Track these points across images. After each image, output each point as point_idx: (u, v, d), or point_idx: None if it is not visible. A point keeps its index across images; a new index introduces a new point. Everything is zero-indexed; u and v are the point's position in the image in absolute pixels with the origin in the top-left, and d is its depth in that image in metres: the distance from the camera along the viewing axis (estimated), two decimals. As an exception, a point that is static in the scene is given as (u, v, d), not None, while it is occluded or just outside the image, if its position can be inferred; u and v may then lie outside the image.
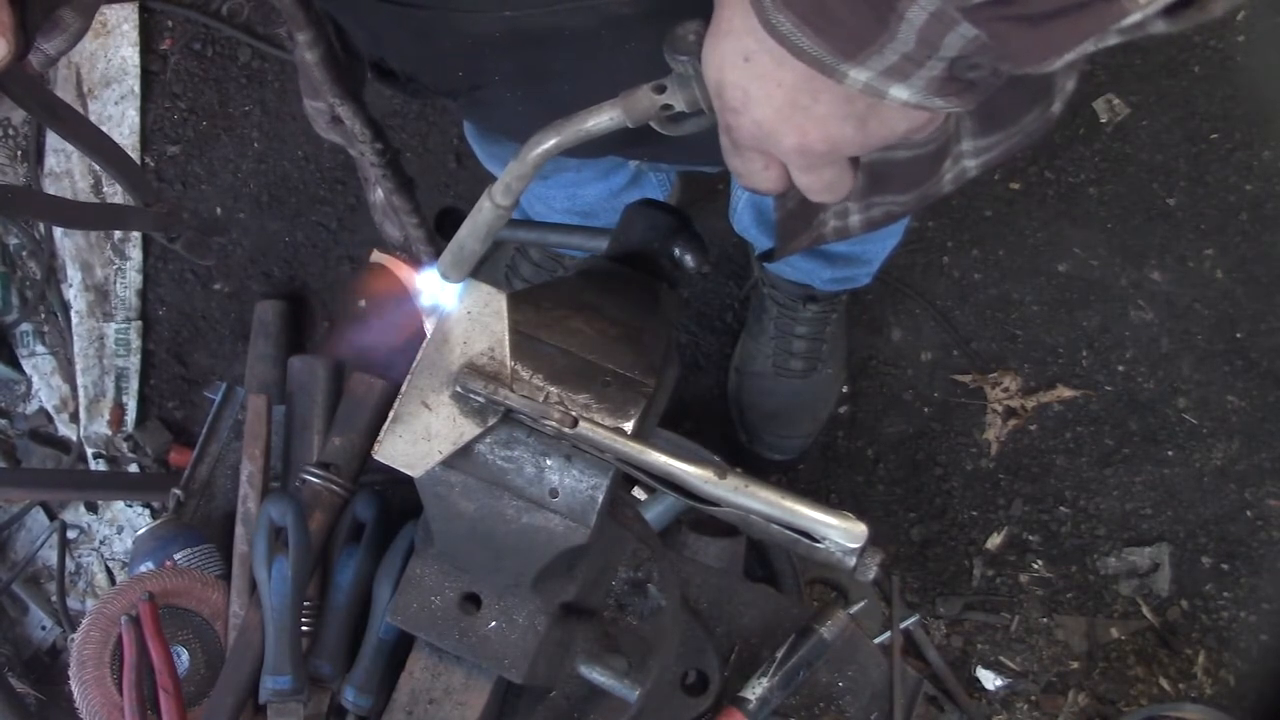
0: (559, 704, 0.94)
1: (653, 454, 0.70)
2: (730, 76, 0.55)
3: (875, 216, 0.87)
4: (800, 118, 0.54)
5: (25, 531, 2.03)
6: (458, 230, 0.71)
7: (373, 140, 0.92)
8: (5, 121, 2.19)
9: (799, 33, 0.49)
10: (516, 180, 0.65)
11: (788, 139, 0.56)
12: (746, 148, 0.60)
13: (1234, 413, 1.94)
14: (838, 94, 0.52)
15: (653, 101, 0.61)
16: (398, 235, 1.09)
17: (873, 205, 0.86)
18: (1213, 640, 1.86)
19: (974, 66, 0.50)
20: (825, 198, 0.61)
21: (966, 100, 0.52)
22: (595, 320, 0.78)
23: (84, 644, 1.07)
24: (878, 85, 0.50)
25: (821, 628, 1.06)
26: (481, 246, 0.70)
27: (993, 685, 1.84)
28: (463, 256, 0.71)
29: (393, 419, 0.74)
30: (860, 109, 0.53)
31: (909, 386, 1.99)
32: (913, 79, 0.50)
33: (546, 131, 0.64)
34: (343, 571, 1.08)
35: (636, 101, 0.61)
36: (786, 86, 0.53)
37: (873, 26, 0.47)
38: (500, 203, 0.67)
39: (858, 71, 0.50)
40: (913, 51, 0.48)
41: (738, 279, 2.02)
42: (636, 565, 0.97)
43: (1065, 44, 0.45)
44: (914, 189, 0.86)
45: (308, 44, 0.84)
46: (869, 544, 0.68)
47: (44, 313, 2.13)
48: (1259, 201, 2.00)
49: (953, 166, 0.87)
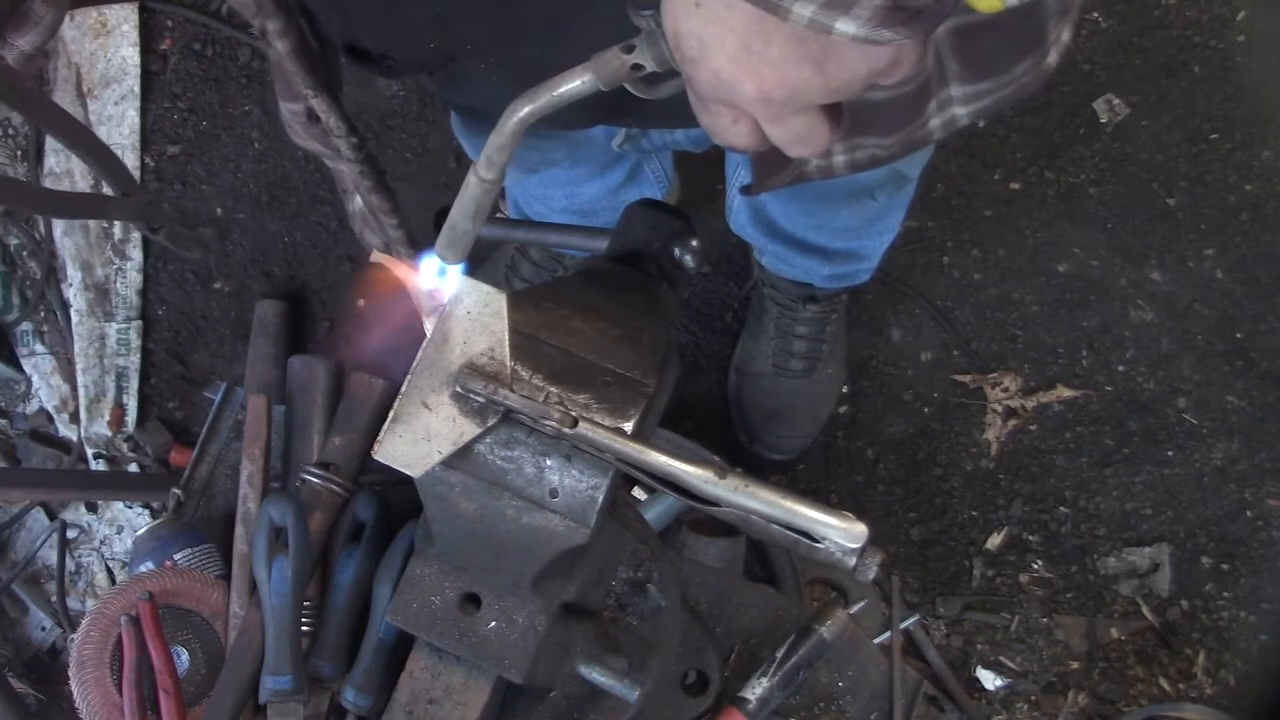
0: (559, 704, 0.94)
1: (653, 454, 0.70)
2: (684, 25, 0.54)
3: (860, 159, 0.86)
4: (756, 63, 0.54)
5: (25, 531, 2.03)
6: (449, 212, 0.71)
7: (348, 134, 0.92)
8: (5, 121, 2.19)
9: None
10: (497, 152, 0.65)
11: (746, 87, 0.55)
12: (710, 100, 0.59)
13: (1234, 413, 1.94)
14: (788, 34, 0.52)
15: (622, 62, 0.60)
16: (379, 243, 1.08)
17: (857, 147, 0.85)
18: (1213, 640, 1.86)
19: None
20: (801, 150, 0.60)
21: (914, 30, 0.51)
22: (595, 320, 0.78)
23: (84, 644, 1.07)
24: (822, 19, 0.49)
25: (821, 628, 1.06)
26: (473, 225, 0.70)
27: (993, 685, 1.84)
28: (456, 236, 0.71)
29: (393, 419, 0.74)
30: (814, 50, 0.53)
31: (909, 386, 1.99)
32: (856, 10, 0.49)
33: (520, 100, 0.63)
34: (343, 571, 1.08)
35: (606, 63, 0.60)
36: (738, 30, 0.53)
37: None
38: (485, 176, 0.66)
39: (801, 6, 0.49)
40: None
41: (738, 279, 2.02)
42: (636, 565, 0.97)
43: None
44: (897, 131, 0.85)
45: (278, 33, 0.83)
46: (869, 544, 0.68)
47: (44, 312, 2.13)
48: (1259, 201, 2.00)
49: (939, 111, 0.86)
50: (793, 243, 1.60)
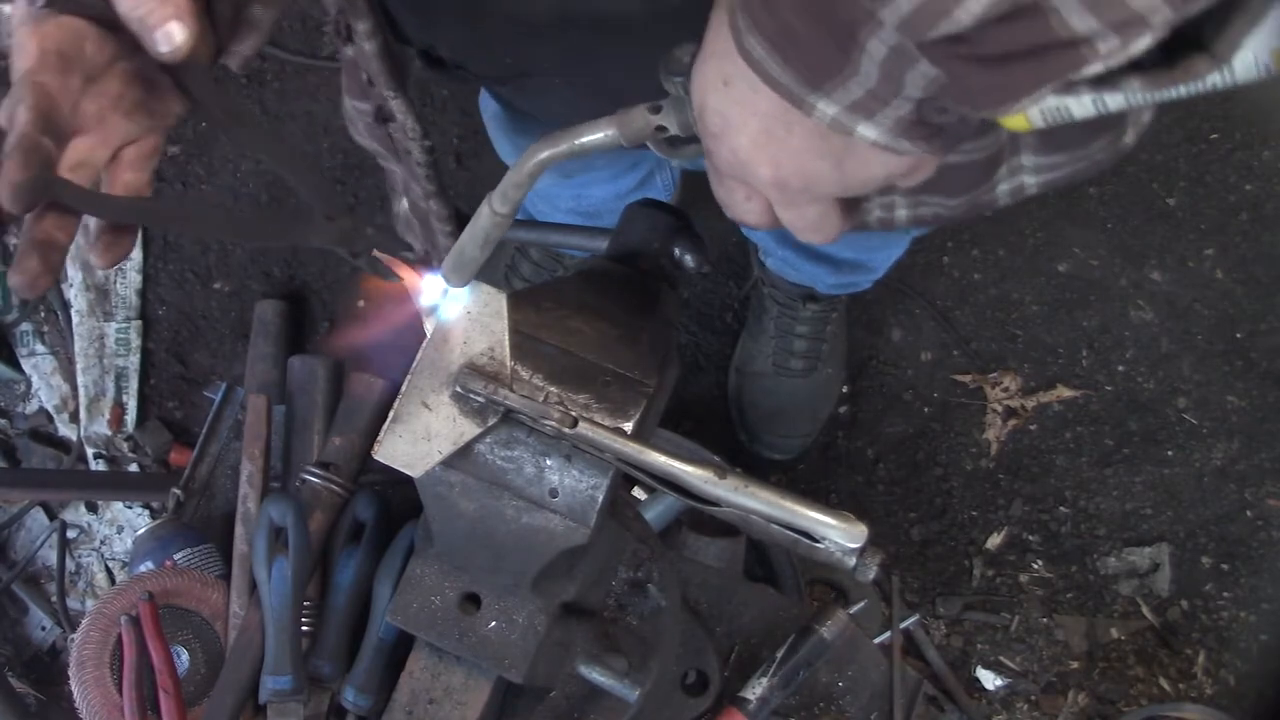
0: (559, 704, 0.94)
1: (653, 454, 0.70)
2: (711, 100, 0.55)
3: (923, 215, 0.85)
4: (775, 149, 0.54)
5: (25, 531, 2.03)
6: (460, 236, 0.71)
7: (422, 137, 0.92)
8: (5, 121, 2.19)
9: (769, 59, 0.49)
10: (514, 189, 0.65)
11: (763, 170, 0.55)
12: (727, 176, 0.59)
13: (1234, 413, 1.94)
14: (810, 128, 0.52)
15: (647, 122, 0.60)
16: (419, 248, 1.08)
17: (921, 204, 0.85)
18: (1213, 640, 1.86)
19: (941, 110, 0.49)
20: (810, 238, 0.60)
21: (935, 146, 0.52)
22: (595, 320, 0.78)
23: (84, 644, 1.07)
24: (845, 121, 0.50)
25: (821, 628, 1.06)
26: (481, 253, 0.70)
27: (993, 685, 1.84)
28: (464, 261, 0.71)
29: (393, 419, 0.74)
30: (835, 146, 0.53)
31: (909, 386, 1.99)
32: (879, 117, 0.49)
33: (542, 143, 0.63)
34: (343, 571, 1.08)
35: (631, 120, 0.61)
36: (761, 115, 0.53)
37: (836, 57, 0.47)
38: (499, 210, 0.67)
39: (825, 104, 0.49)
40: (877, 88, 0.48)
41: (738, 279, 2.02)
42: (636, 565, 0.97)
43: (1022, 89, 0.44)
44: (964, 193, 0.84)
45: (366, 33, 0.83)
46: (869, 544, 0.68)
47: (44, 312, 2.13)
48: (1259, 201, 2.00)
49: (1009, 178, 0.85)
50: (802, 250, 1.60)
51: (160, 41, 0.60)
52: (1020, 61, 0.43)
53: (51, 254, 0.60)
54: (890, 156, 0.52)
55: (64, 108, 0.60)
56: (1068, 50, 0.42)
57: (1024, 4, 0.41)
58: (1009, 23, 0.42)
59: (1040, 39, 0.42)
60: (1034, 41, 0.42)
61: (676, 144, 0.62)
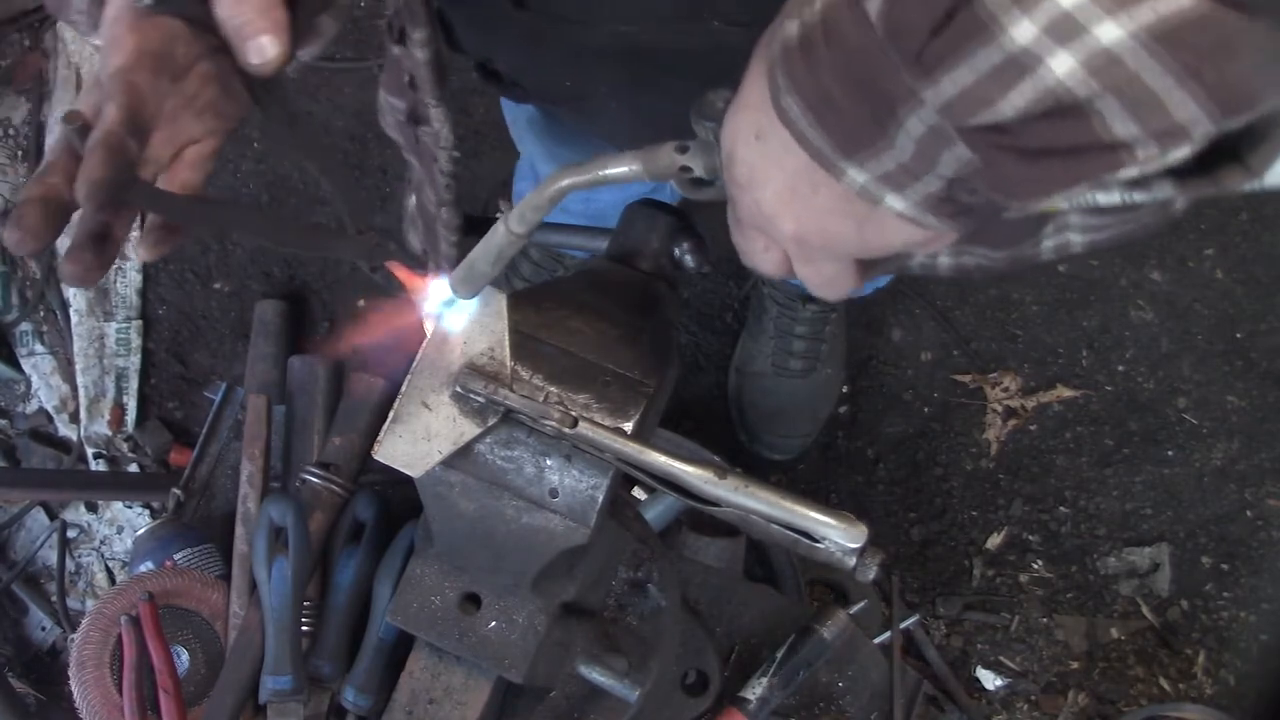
0: (559, 704, 0.94)
1: (653, 454, 0.70)
2: (740, 151, 0.55)
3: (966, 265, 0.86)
4: (799, 206, 0.54)
5: (25, 531, 2.03)
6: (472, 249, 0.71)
7: (453, 148, 0.92)
8: (5, 121, 2.19)
9: (804, 120, 0.49)
10: (532, 211, 0.65)
11: (785, 224, 0.55)
12: (748, 225, 0.59)
13: (1234, 413, 1.94)
14: (836, 190, 0.52)
15: (673, 161, 0.61)
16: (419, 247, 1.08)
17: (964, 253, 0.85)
18: (1213, 640, 1.86)
19: (971, 191, 0.49)
20: (823, 293, 0.61)
21: (961, 224, 0.52)
22: (595, 320, 0.78)
23: (84, 644, 1.07)
24: (873, 190, 0.50)
25: (821, 628, 1.06)
26: (492, 269, 0.71)
27: (993, 685, 1.84)
28: (473, 275, 0.72)
29: (393, 419, 0.74)
30: (859, 210, 0.53)
31: (909, 386, 1.99)
32: (908, 191, 0.49)
33: (565, 172, 0.64)
34: (343, 571, 1.08)
35: (657, 158, 0.61)
36: (789, 171, 0.53)
37: (872, 128, 0.47)
38: (515, 230, 0.67)
39: (856, 171, 0.49)
40: (910, 163, 0.48)
41: (738, 279, 2.03)
42: (636, 565, 0.97)
43: (1057, 184, 0.44)
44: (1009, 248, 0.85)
45: (421, 42, 0.83)
46: (869, 544, 0.68)
47: (44, 312, 2.13)
48: (1259, 202, 2.00)
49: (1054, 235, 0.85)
50: None
51: (253, 52, 0.60)
52: (1058, 158, 0.43)
53: (109, 248, 0.60)
54: (912, 227, 0.53)
55: (151, 108, 0.60)
56: (1107, 153, 0.42)
57: (1068, 103, 0.41)
58: (1051, 120, 0.42)
59: (1081, 139, 0.42)
60: (1074, 141, 0.42)
61: (699, 184, 0.62)
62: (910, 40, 0.43)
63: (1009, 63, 0.41)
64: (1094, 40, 0.39)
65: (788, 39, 0.49)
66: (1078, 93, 0.40)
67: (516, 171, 1.67)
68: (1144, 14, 0.38)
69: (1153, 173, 0.44)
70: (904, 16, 0.43)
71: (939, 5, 0.42)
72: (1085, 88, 0.40)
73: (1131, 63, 0.39)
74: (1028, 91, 0.41)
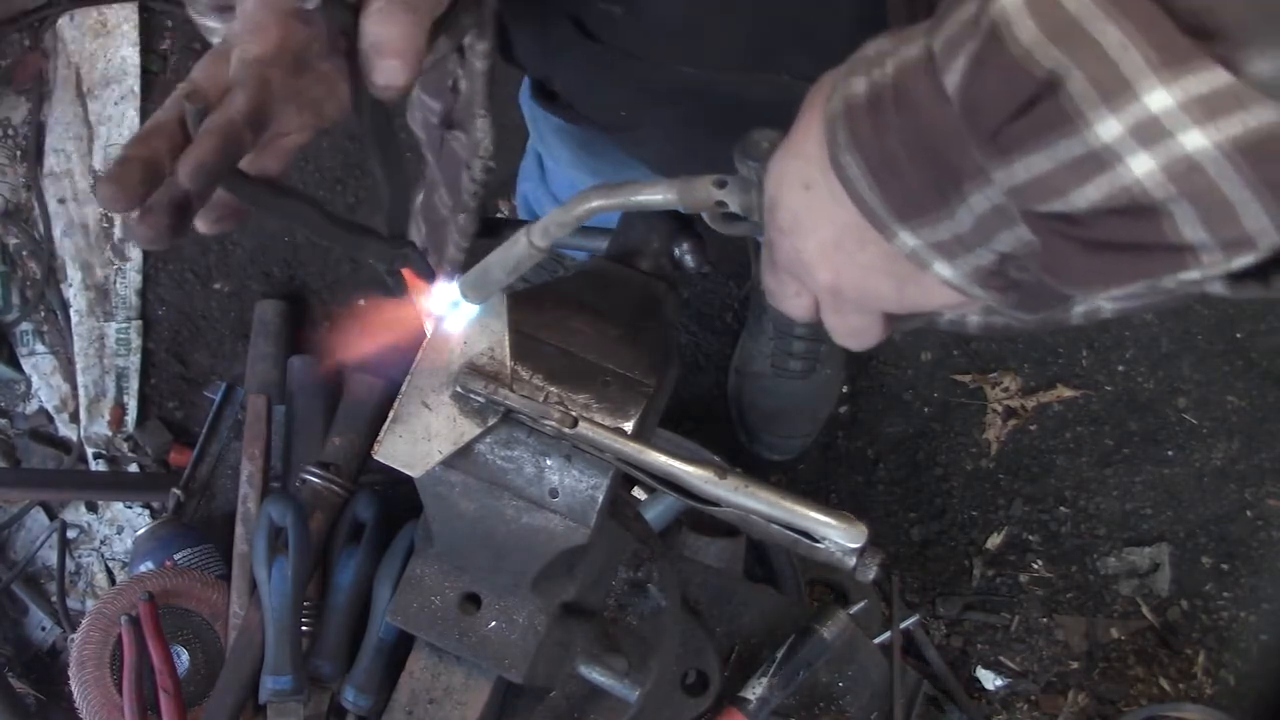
0: (559, 704, 0.94)
1: (653, 454, 0.70)
2: (786, 197, 0.54)
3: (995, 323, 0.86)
4: (841, 259, 0.54)
5: (25, 531, 2.03)
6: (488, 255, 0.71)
7: (489, 159, 0.92)
8: (5, 121, 2.19)
9: (863, 180, 0.48)
10: (558, 228, 0.65)
11: (823, 275, 0.55)
12: (783, 270, 0.59)
13: (1234, 413, 1.94)
14: (884, 250, 0.52)
15: (709, 194, 0.60)
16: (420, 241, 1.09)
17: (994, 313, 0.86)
18: (1213, 640, 1.86)
19: (1023, 268, 0.49)
20: (848, 343, 0.61)
21: (1008, 298, 0.51)
22: (595, 320, 0.78)
23: (84, 644, 1.07)
24: (923, 255, 0.50)
25: (821, 628, 1.06)
26: (507, 279, 0.70)
27: (993, 685, 1.84)
28: (486, 282, 0.72)
29: (393, 419, 0.74)
30: (902, 271, 0.53)
31: (909, 386, 1.99)
32: (959, 261, 0.49)
33: (597, 192, 0.63)
34: (343, 571, 1.08)
35: (693, 190, 0.61)
36: (836, 225, 0.52)
37: (933, 198, 0.47)
38: (538, 244, 0.67)
39: (908, 235, 0.49)
40: (966, 235, 0.48)
41: (738, 279, 2.02)
42: (636, 565, 0.97)
43: (1116, 278, 0.45)
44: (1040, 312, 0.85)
45: (484, 54, 0.83)
46: (869, 544, 0.68)
47: (44, 312, 2.13)
48: (1259, 201, 2.00)
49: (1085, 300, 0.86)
50: None
51: (382, 72, 0.60)
52: (1122, 254, 0.43)
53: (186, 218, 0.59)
54: (955, 293, 0.52)
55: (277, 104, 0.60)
56: (1172, 254, 0.42)
57: (1143, 203, 0.41)
58: (1122, 216, 0.42)
59: (1148, 238, 0.42)
60: (1141, 239, 0.42)
61: (731, 219, 0.62)
62: (987, 120, 0.43)
63: (1089, 156, 0.41)
64: (1178, 146, 0.39)
65: (853, 96, 0.48)
66: (1154, 194, 0.40)
67: (520, 171, 1.67)
68: (1232, 126, 0.38)
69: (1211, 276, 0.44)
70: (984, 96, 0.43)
71: (1022, 91, 0.41)
72: (1162, 190, 0.40)
73: (1212, 172, 0.39)
74: (1103, 186, 0.41)
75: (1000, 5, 0.41)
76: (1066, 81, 0.40)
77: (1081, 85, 0.40)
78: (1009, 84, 0.42)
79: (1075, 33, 0.40)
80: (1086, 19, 0.39)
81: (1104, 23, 0.39)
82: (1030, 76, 0.41)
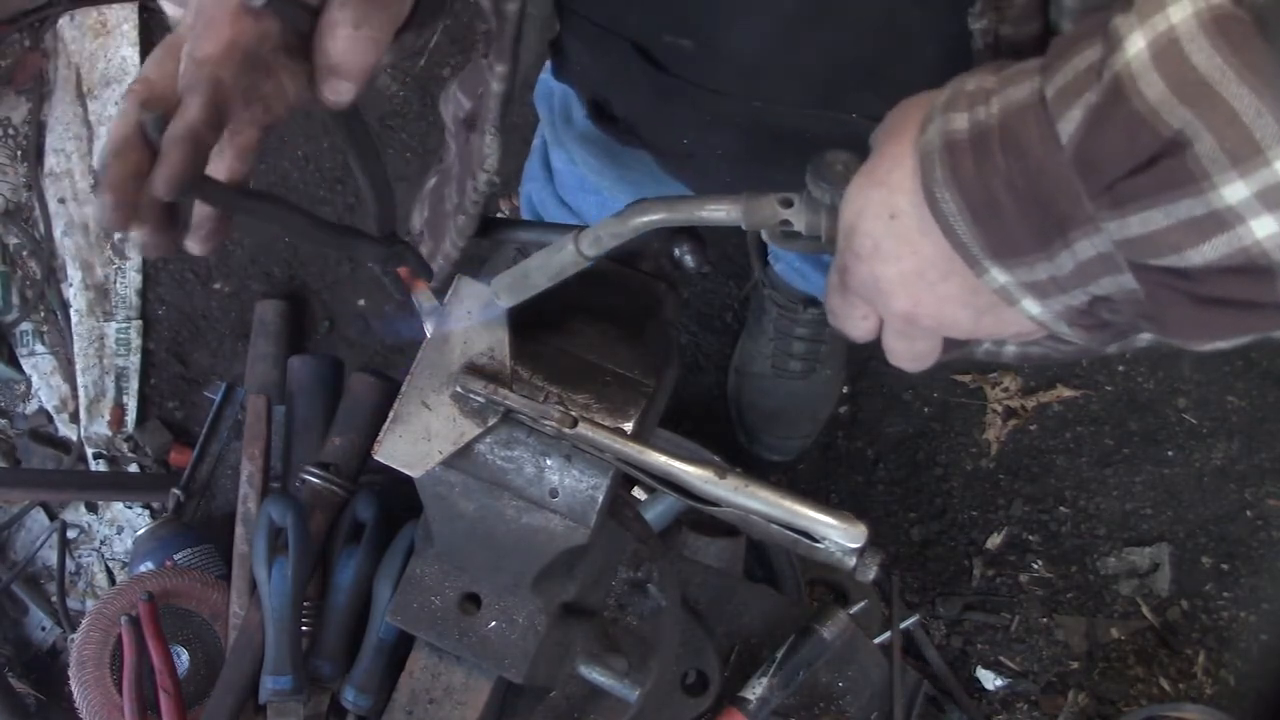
0: (559, 704, 0.94)
1: (653, 454, 0.70)
2: (867, 225, 0.54)
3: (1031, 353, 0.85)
4: (921, 289, 0.53)
5: (25, 531, 2.03)
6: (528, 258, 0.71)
7: (495, 171, 0.92)
8: (5, 121, 2.19)
9: (960, 218, 0.48)
10: (610, 237, 0.65)
11: (900, 303, 0.55)
12: (855, 294, 0.59)
13: (1234, 413, 1.94)
14: (969, 283, 0.51)
15: (775, 213, 0.60)
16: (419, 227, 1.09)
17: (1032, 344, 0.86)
18: (1213, 640, 1.86)
19: (1115, 311, 0.49)
20: (905, 364, 0.61)
21: (1095, 337, 0.51)
22: (595, 320, 0.78)
23: (84, 644, 1.07)
24: (1013, 292, 0.49)
25: (821, 628, 1.06)
26: (546, 284, 0.70)
27: (993, 685, 1.84)
28: (524, 285, 0.71)
29: (393, 419, 0.74)
30: (983, 303, 0.52)
31: (909, 386, 1.99)
32: (1050, 301, 0.49)
33: (659, 205, 0.62)
34: (343, 571, 1.08)
35: (759, 208, 0.60)
36: (921, 257, 0.52)
37: (1034, 242, 0.47)
38: (586, 252, 0.66)
39: (999, 272, 0.49)
40: (1063, 278, 0.47)
41: (738, 279, 2.02)
42: (636, 565, 0.97)
43: (1220, 332, 0.45)
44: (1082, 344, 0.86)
45: (502, 76, 0.83)
46: (869, 544, 0.68)
47: (44, 312, 2.13)
48: (1259, 201, 2.00)
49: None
50: (814, 261, 1.59)
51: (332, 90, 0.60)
52: (1230, 310, 0.44)
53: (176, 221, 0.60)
54: (1034, 326, 0.52)
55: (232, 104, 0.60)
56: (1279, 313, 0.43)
57: (1261, 264, 0.41)
58: (1238, 275, 0.42)
59: (1261, 297, 0.42)
60: (1253, 297, 0.43)
61: (790, 236, 0.61)
62: (1105, 172, 0.43)
63: (1209, 216, 0.41)
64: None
65: (953, 133, 0.48)
66: (1274, 256, 0.41)
67: (525, 171, 1.67)
68: None
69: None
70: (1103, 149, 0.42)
71: (1146, 148, 0.41)
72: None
73: None
74: (1221, 246, 0.41)
75: (1124, 59, 0.41)
76: (1195, 142, 0.40)
77: (1211, 147, 0.40)
78: (1131, 140, 0.41)
79: (1206, 94, 0.39)
80: (1218, 81, 0.39)
81: (1238, 87, 0.39)
82: (1155, 134, 0.41)
